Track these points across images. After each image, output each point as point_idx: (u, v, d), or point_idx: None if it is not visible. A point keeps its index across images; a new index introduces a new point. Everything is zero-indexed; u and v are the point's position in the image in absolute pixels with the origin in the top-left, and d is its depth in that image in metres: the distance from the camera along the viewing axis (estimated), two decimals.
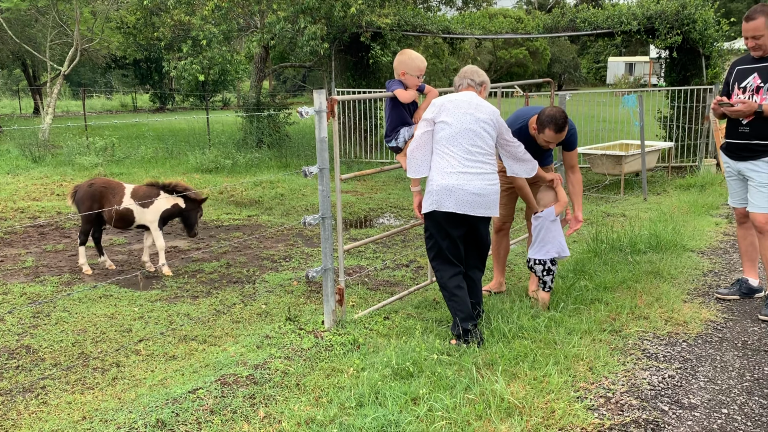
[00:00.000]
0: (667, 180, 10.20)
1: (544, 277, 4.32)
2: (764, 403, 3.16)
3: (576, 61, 52.52)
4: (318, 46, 11.66)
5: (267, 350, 3.83)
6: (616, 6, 12.03)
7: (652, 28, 11.25)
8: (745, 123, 4.27)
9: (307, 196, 9.34)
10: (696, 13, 10.81)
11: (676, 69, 11.87)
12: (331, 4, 11.78)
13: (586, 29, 11.96)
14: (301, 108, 3.82)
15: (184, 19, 12.53)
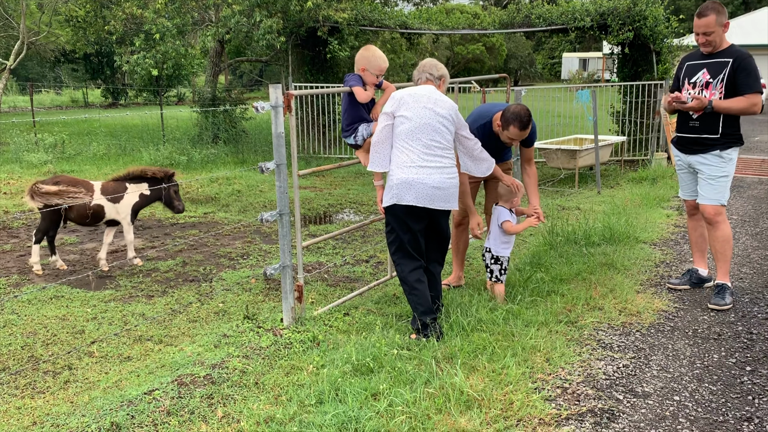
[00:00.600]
0: (620, 173, 10.43)
1: (492, 266, 4.39)
2: (713, 389, 3.26)
3: (531, 57, 53.23)
4: (274, 40, 11.52)
5: (225, 349, 3.78)
6: (570, 2, 12.21)
7: (605, 24, 11.46)
8: (695, 118, 4.38)
9: (264, 193, 9.24)
10: (647, 10, 11.05)
11: (627, 65, 12.13)
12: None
13: (540, 25, 12.12)
14: (257, 103, 3.77)
15: (136, 12, 12.23)
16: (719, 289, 4.43)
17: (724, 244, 4.43)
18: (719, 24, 4.23)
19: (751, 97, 4.18)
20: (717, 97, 4.27)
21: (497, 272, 4.39)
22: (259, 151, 12.95)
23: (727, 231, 4.43)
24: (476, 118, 4.40)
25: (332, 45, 12.66)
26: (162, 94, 16.67)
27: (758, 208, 7.49)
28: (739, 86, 4.21)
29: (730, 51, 4.29)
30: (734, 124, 4.32)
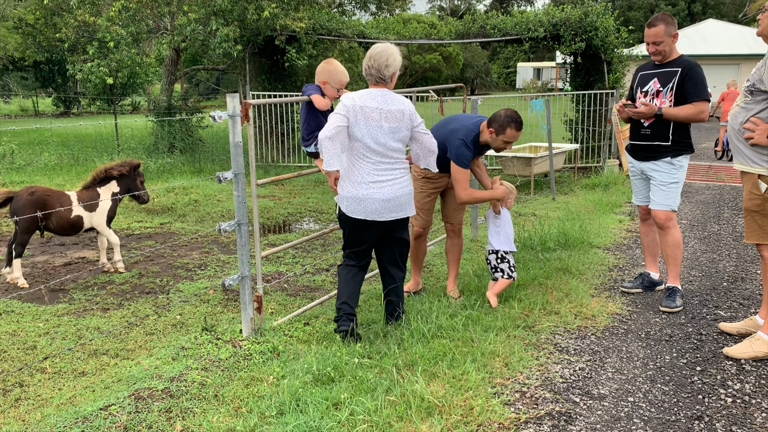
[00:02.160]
0: (573, 180, 10.67)
1: (500, 265, 4.52)
2: (666, 389, 3.36)
3: (487, 67, 54.03)
4: (231, 49, 11.44)
5: (183, 362, 3.72)
6: (523, 13, 12.47)
7: (558, 34, 11.73)
8: (647, 125, 4.53)
9: (222, 202, 9.14)
10: (598, 21, 11.36)
11: (580, 74, 12.44)
12: (244, 7, 11.59)
13: (495, 35, 12.33)
14: (213, 112, 3.75)
15: (89, 19, 11.99)
16: (670, 292, 4.57)
17: (674, 249, 4.58)
18: (668, 34, 4.39)
19: (699, 104, 4.34)
20: (667, 105, 4.42)
21: (508, 269, 4.53)
22: (216, 160, 12.81)
23: (678, 236, 4.58)
24: (466, 132, 4.38)
25: (290, 54, 12.63)
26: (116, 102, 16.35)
27: (706, 213, 7.76)
28: (687, 94, 4.36)
29: (679, 61, 4.45)
30: (684, 131, 4.47)
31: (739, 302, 4.65)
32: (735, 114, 3.71)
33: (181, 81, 15.98)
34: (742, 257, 5.79)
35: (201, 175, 11.18)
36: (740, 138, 3.67)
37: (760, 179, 3.60)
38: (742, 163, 3.70)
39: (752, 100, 3.60)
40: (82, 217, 5.69)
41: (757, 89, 3.55)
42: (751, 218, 3.70)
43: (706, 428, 2.99)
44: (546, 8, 12.61)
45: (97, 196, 5.77)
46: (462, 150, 4.31)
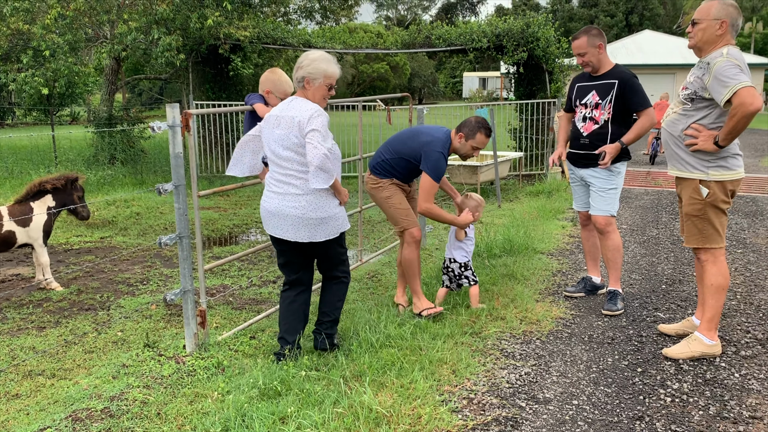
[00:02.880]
0: (518, 187, 10.86)
1: (465, 273, 4.58)
2: (608, 391, 3.43)
3: (434, 76, 54.68)
4: (174, 58, 11.23)
5: (124, 380, 3.60)
6: (467, 24, 12.67)
7: (501, 45, 11.96)
8: (586, 135, 4.64)
9: (165, 214, 8.93)
10: (539, 32, 11.64)
11: (523, 84, 12.71)
12: (186, 15, 11.40)
13: (441, 45, 12.48)
14: (153, 123, 3.66)
15: (23, 27, 11.57)
16: (611, 296, 4.68)
17: (614, 253, 4.69)
18: (591, 45, 4.51)
19: (646, 113, 4.47)
20: (606, 117, 4.54)
21: (472, 276, 4.59)
22: (159, 171, 12.52)
23: (617, 240, 4.70)
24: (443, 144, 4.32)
25: (235, 62, 12.48)
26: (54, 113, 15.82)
27: (645, 218, 8.00)
28: (631, 106, 4.48)
29: (614, 72, 4.57)
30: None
31: (677, 304, 4.80)
32: (673, 121, 3.81)
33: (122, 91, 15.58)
34: (680, 260, 5.99)
35: (143, 187, 10.91)
36: (680, 145, 3.77)
37: (702, 184, 3.72)
38: (680, 170, 3.81)
39: (692, 107, 3.70)
40: (14, 233, 5.45)
41: (699, 96, 3.65)
42: (691, 223, 3.82)
43: (647, 428, 3.06)
44: (489, 19, 12.84)
45: (30, 211, 5.54)
46: (441, 163, 4.27)
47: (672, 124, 3.82)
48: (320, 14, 16.18)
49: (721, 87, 3.47)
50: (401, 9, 73.93)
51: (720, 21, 3.60)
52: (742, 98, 3.39)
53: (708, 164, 3.68)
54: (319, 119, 3.46)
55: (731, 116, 3.46)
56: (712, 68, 3.52)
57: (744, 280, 5.31)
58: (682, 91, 3.78)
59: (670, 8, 58.53)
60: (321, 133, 3.41)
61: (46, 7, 11.31)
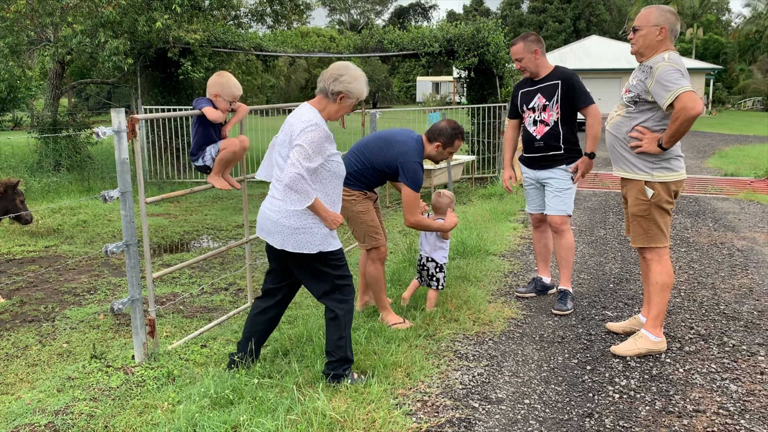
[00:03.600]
0: (471, 190, 10.98)
1: (437, 274, 4.59)
2: (559, 390, 3.50)
3: (388, 80, 54.92)
4: (121, 62, 10.99)
5: (69, 393, 3.49)
6: (419, 29, 12.77)
7: (452, 50, 12.10)
8: (539, 138, 4.74)
9: (113, 222, 8.72)
10: (489, 37, 11.81)
11: (474, 88, 12.87)
12: (134, 19, 11.17)
13: (393, 50, 12.55)
14: (97, 128, 3.57)
15: None
16: (562, 295, 4.78)
17: (568, 252, 4.80)
18: (528, 51, 4.61)
19: (590, 111, 4.58)
20: (555, 118, 4.64)
21: (443, 279, 4.61)
22: (106, 177, 12.22)
23: (571, 239, 4.81)
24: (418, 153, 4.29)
25: (185, 66, 12.29)
26: None
27: (593, 219, 8.20)
28: (577, 103, 4.61)
29: (555, 73, 4.68)
30: (573, 140, 4.72)
31: (624, 302, 4.92)
32: (617, 123, 3.91)
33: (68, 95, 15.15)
34: (627, 260, 6.15)
35: (90, 194, 10.62)
36: (625, 146, 3.88)
37: (647, 185, 3.82)
38: (625, 171, 3.91)
39: (636, 110, 3.81)
40: None
41: (642, 99, 3.76)
42: (637, 223, 3.92)
43: (597, 424, 3.13)
44: (441, 24, 12.97)
45: None
46: (420, 174, 4.23)
47: (616, 126, 3.92)
48: (272, 18, 16.07)
49: (664, 91, 3.58)
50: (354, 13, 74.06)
51: (659, 27, 3.72)
52: (684, 102, 3.50)
53: (652, 166, 3.79)
54: (310, 135, 3.25)
55: (674, 120, 3.58)
56: (654, 72, 3.64)
57: (687, 278, 5.48)
58: (625, 94, 3.89)
59: (616, 14, 60.26)
60: (305, 151, 3.22)
61: None
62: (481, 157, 12.32)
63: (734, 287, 5.23)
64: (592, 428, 3.09)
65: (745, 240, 6.84)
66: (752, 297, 4.98)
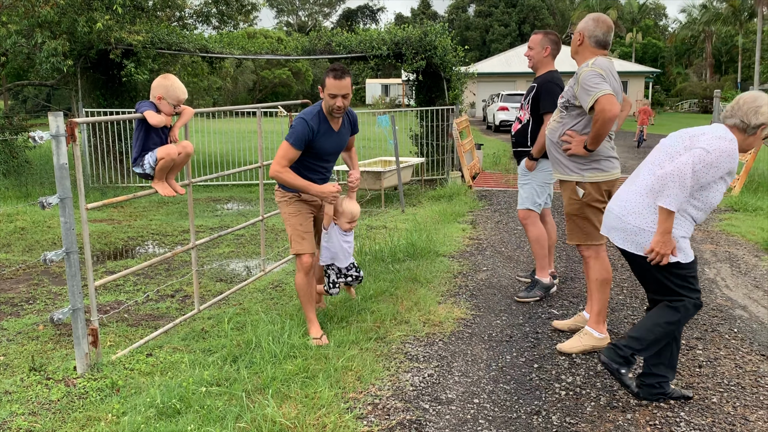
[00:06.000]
0: (421, 192, 11.05)
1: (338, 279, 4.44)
2: (507, 388, 3.55)
3: None
4: (60, 63, 10.63)
5: (7, 408, 3.36)
6: (367, 32, 12.77)
7: (400, 53, 12.14)
8: (513, 134, 5.09)
9: (53, 228, 8.42)
10: (436, 41, 11.90)
11: (423, 91, 12.95)
12: (73, 19, 10.83)
13: (341, 52, 12.51)
14: (34, 132, 3.44)
15: None
16: (531, 284, 5.11)
17: (534, 245, 5.06)
18: (541, 45, 4.83)
19: (545, 117, 4.76)
20: (527, 117, 4.94)
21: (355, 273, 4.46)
22: (45, 183, 11.79)
23: (535, 233, 5.05)
24: (309, 110, 4.06)
25: (128, 68, 11.97)
26: None
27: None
28: (539, 108, 4.82)
29: (541, 76, 4.90)
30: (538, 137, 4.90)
31: (569, 300, 5.04)
32: (553, 128, 4.07)
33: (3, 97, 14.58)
34: (571, 258, 6.29)
35: (28, 200, 10.23)
36: (559, 150, 4.04)
37: (578, 186, 3.96)
38: (560, 173, 4.08)
39: (567, 115, 3.97)
40: None
41: (572, 104, 3.91)
42: (572, 222, 4.07)
43: (544, 422, 3.19)
44: (388, 27, 13.01)
45: None
46: (299, 127, 3.95)
47: (552, 131, 4.10)
48: (217, 19, 15.82)
49: (585, 95, 3.76)
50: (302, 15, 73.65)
51: (578, 33, 3.95)
52: (602, 105, 3.68)
53: (583, 167, 3.95)
54: (721, 144, 3.17)
55: (594, 122, 3.76)
56: (579, 77, 3.82)
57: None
58: (560, 99, 4.06)
59: (559, 18, 61.69)
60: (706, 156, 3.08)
61: None
62: (430, 159, 12.41)
63: None
64: (539, 425, 3.15)
65: None
66: None
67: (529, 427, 3.14)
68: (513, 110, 26.09)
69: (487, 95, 35.02)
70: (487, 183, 11.62)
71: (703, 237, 7.13)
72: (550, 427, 3.13)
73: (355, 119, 4.33)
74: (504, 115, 26.93)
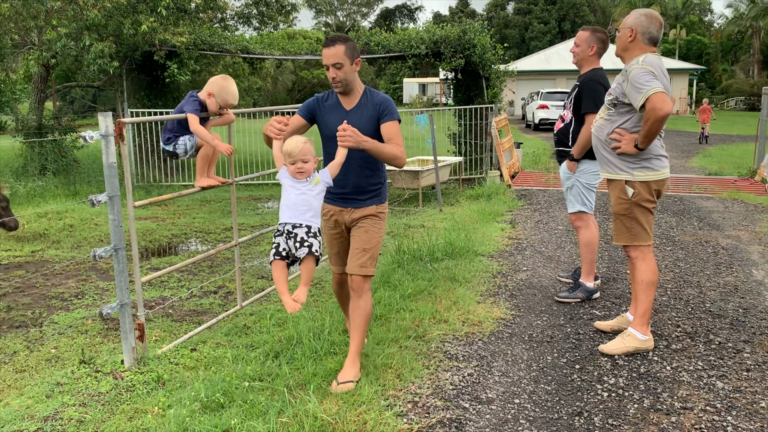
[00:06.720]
0: (459, 191, 11.01)
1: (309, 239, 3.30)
2: (548, 389, 3.52)
3: (375, 82, 54.88)
4: (107, 65, 10.91)
5: (58, 399, 3.48)
6: (405, 31, 12.78)
7: (439, 51, 12.12)
8: (555, 133, 5.04)
9: (100, 226, 8.66)
10: (475, 39, 11.85)
11: (461, 89, 12.90)
12: (119, 21, 11.09)
13: (379, 52, 12.55)
14: (85, 132, 3.55)
15: None
16: (574, 286, 5.05)
17: (583, 248, 5.01)
18: (587, 42, 4.76)
19: (586, 117, 4.68)
20: (570, 116, 4.86)
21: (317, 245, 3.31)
22: (93, 181, 12.13)
23: (586, 236, 4.98)
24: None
25: (171, 69, 12.23)
26: None
27: None
28: (580, 108, 4.75)
29: (585, 74, 4.82)
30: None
31: (611, 301, 4.96)
32: (600, 126, 4.00)
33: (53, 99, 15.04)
34: (613, 259, 6.20)
35: (76, 198, 10.54)
36: (607, 148, 3.96)
37: (627, 185, 3.89)
38: (608, 172, 4.00)
39: (615, 113, 3.89)
40: None
41: (621, 102, 3.84)
42: (619, 222, 3.99)
43: (586, 423, 3.16)
44: (427, 26, 13.00)
45: None
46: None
47: (599, 129, 4.01)
48: (257, 20, 16.02)
49: (636, 93, 3.68)
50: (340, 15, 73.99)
51: (630, 29, 3.84)
52: (653, 103, 3.60)
53: (633, 166, 3.87)
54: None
55: (645, 120, 3.67)
56: (629, 75, 3.75)
57: (673, 277, 5.54)
58: (607, 97, 3.98)
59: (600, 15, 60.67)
60: None
61: None
62: (468, 158, 12.36)
63: (719, 285, 5.29)
64: (581, 427, 3.12)
65: (729, 238, 6.92)
66: (737, 295, 5.04)
67: (571, 428, 3.11)
68: (553, 108, 25.72)
69: (527, 93, 34.66)
70: (526, 182, 11.52)
71: (751, 238, 6.94)
72: (592, 429, 3.10)
73: (381, 105, 3.50)
74: (544, 113, 26.57)
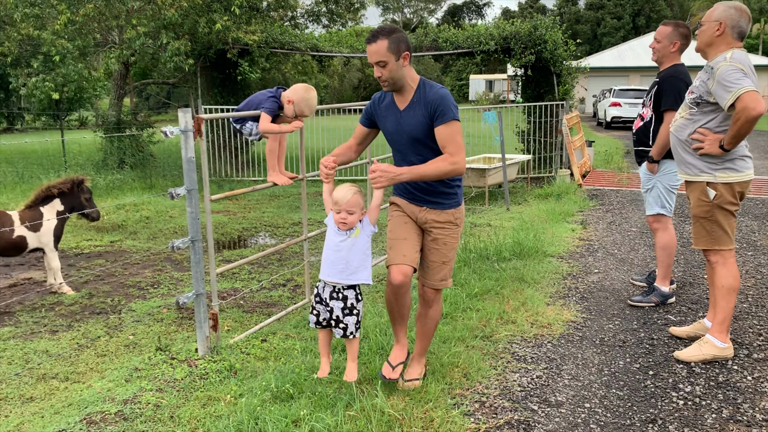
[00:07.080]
0: (527, 190, 10.84)
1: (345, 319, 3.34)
2: (620, 394, 3.43)
3: (440, 79, 54.63)
4: (182, 63, 11.29)
5: (137, 383, 3.63)
6: (474, 27, 12.68)
7: (508, 47, 11.96)
8: (634, 131, 4.89)
9: (175, 218, 8.98)
10: (546, 34, 11.63)
11: (531, 86, 12.69)
12: (195, 20, 11.46)
13: (447, 48, 12.49)
14: (165, 128, 3.68)
15: (33, 33, 11.66)
16: (649, 290, 4.91)
17: (659, 251, 4.86)
18: (669, 38, 4.58)
19: (665, 115, 4.52)
20: (650, 115, 4.71)
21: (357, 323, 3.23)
22: (167, 175, 12.58)
23: (663, 239, 4.82)
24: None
25: (243, 67, 12.54)
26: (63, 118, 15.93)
27: None
28: (660, 105, 4.59)
29: (664, 71, 4.64)
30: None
31: (688, 306, 4.78)
32: (680, 126, 3.83)
33: (130, 95, 15.68)
34: (690, 263, 5.97)
35: (152, 191, 10.96)
36: (687, 149, 3.79)
37: (709, 186, 3.72)
38: (688, 174, 3.83)
39: (698, 112, 3.72)
40: (25, 238, 5.50)
41: (705, 101, 3.67)
42: (699, 225, 3.83)
43: (660, 431, 3.05)
44: (496, 22, 12.85)
45: (40, 216, 5.59)
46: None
47: (679, 129, 3.84)
48: (327, 18, 16.22)
49: (725, 92, 3.49)
50: (407, 12, 74.03)
51: (718, 23, 3.63)
52: (745, 103, 3.40)
53: (715, 167, 3.69)
54: None
55: (735, 121, 3.48)
56: (715, 73, 3.55)
57: (755, 283, 5.29)
58: (689, 95, 3.81)
59: (677, 10, 58.40)
60: None
61: (56, 13, 11.39)
62: (537, 156, 12.15)
63: None
64: None
65: None
66: None
67: None
68: (626, 106, 24.92)
69: (598, 90, 33.75)
70: (598, 182, 11.23)
71: None
72: None
73: (433, 104, 3.09)
74: (616, 111, 25.77)
